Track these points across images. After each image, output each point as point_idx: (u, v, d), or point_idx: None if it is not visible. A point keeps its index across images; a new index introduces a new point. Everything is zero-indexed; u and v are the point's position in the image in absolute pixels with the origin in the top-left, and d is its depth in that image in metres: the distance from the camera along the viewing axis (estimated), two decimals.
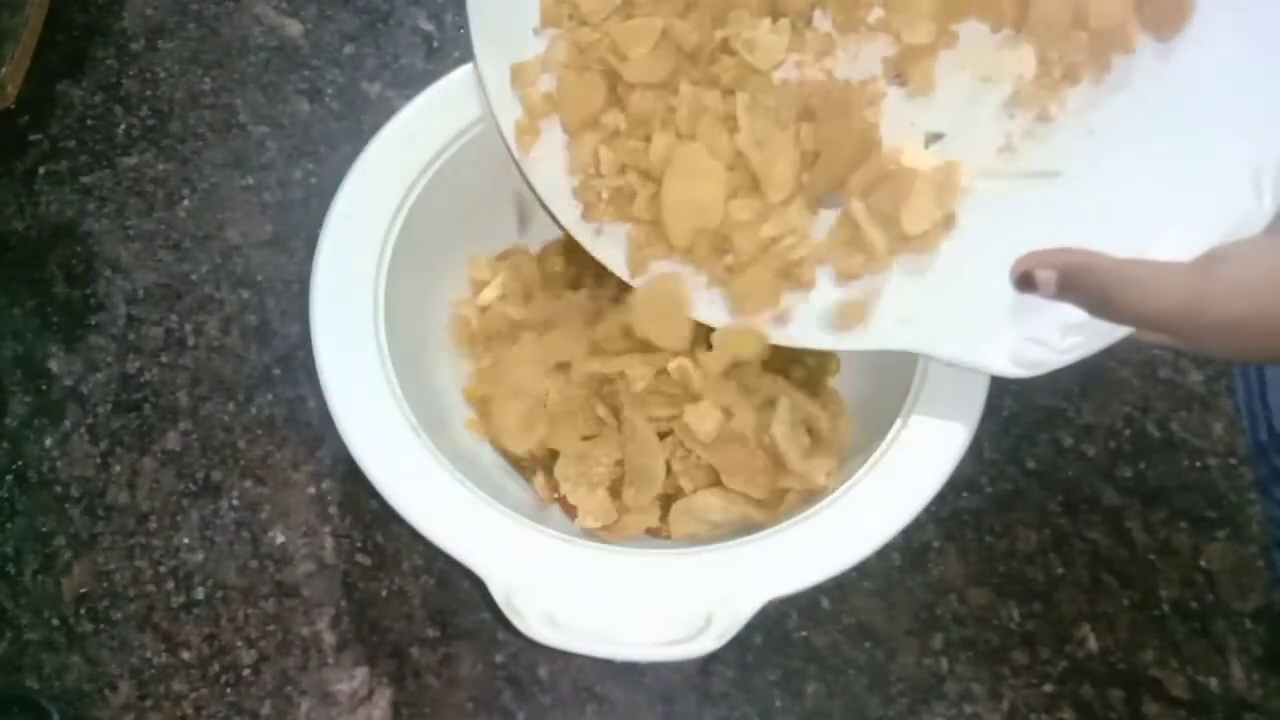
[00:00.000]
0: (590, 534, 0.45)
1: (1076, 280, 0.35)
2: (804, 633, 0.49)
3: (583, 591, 0.39)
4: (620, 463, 0.45)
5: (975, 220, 0.41)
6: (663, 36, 0.43)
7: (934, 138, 0.42)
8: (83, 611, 0.49)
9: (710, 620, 0.38)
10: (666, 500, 0.45)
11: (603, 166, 0.45)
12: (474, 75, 0.48)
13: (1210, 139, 0.37)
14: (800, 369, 0.48)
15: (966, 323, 0.40)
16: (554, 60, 0.46)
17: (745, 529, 0.42)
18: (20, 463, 0.53)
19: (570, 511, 0.45)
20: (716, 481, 0.45)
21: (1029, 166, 0.41)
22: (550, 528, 0.41)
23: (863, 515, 0.40)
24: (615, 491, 0.45)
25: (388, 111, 0.48)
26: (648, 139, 0.44)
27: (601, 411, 0.46)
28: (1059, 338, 0.38)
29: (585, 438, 0.46)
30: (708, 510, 0.44)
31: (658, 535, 0.46)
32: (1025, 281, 0.36)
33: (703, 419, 0.44)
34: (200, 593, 0.50)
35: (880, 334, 0.42)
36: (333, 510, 0.51)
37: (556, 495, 0.46)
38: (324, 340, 0.43)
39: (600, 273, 0.47)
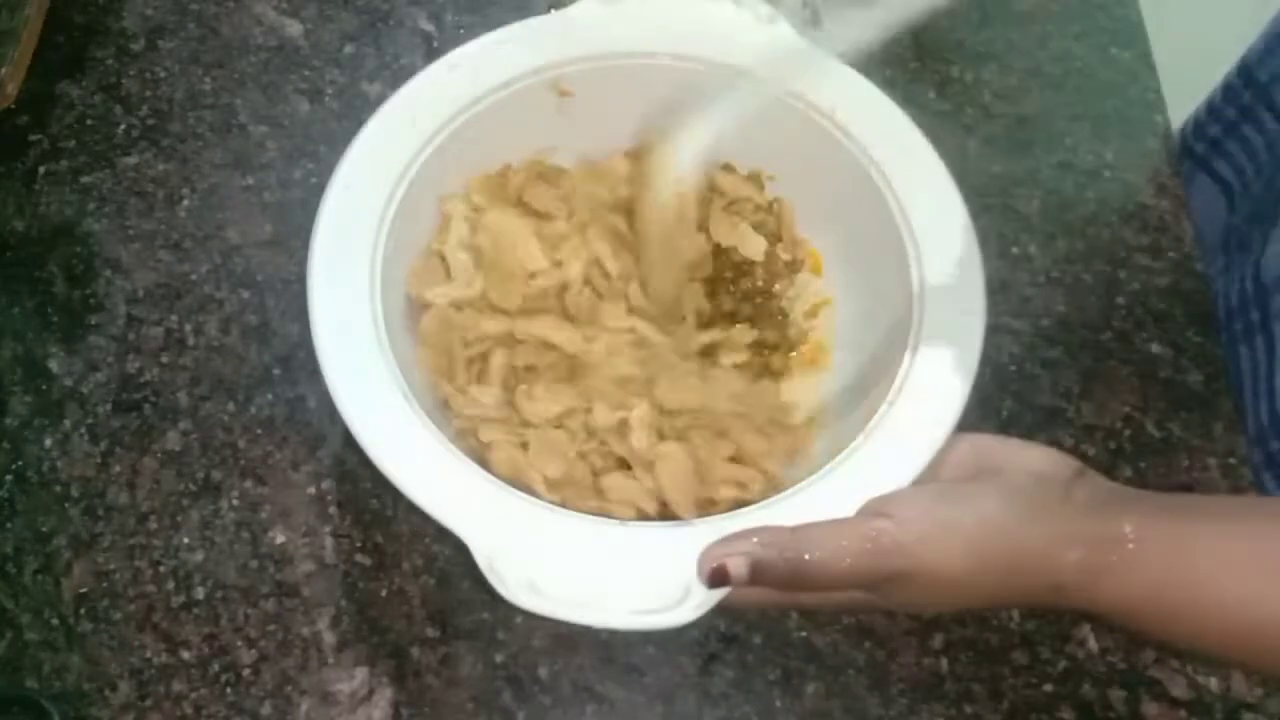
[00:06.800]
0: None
1: (766, 563, 0.36)
2: (804, 633, 0.49)
3: (564, 558, 0.38)
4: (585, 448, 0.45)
5: None
6: None
7: None
8: (83, 611, 0.49)
9: (688, 591, 0.37)
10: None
11: None
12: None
13: None
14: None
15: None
16: None
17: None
18: (20, 463, 0.53)
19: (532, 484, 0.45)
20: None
21: None
22: (534, 495, 0.41)
23: (846, 502, 0.40)
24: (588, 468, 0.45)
25: None
26: None
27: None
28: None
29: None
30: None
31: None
32: (718, 577, 0.36)
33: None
34: (200, 593, 0.50)
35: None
36: (333, 510, 0.51)
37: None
38: (319, 294, 0.43)
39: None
